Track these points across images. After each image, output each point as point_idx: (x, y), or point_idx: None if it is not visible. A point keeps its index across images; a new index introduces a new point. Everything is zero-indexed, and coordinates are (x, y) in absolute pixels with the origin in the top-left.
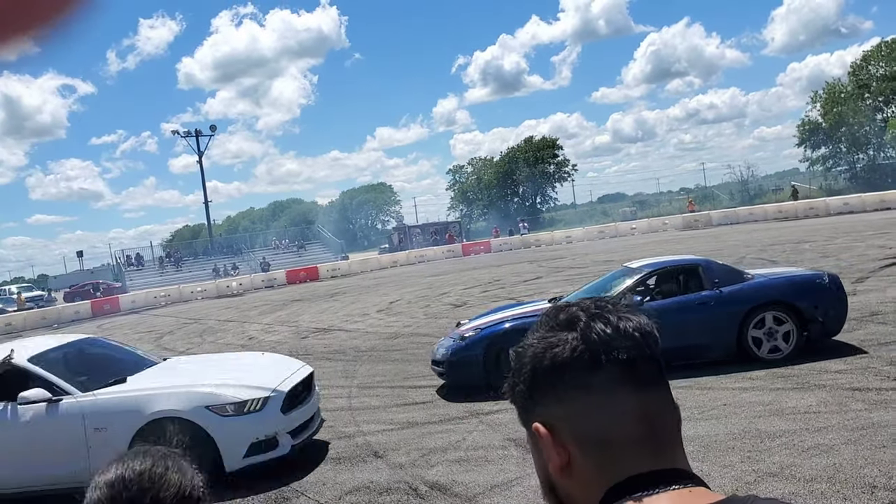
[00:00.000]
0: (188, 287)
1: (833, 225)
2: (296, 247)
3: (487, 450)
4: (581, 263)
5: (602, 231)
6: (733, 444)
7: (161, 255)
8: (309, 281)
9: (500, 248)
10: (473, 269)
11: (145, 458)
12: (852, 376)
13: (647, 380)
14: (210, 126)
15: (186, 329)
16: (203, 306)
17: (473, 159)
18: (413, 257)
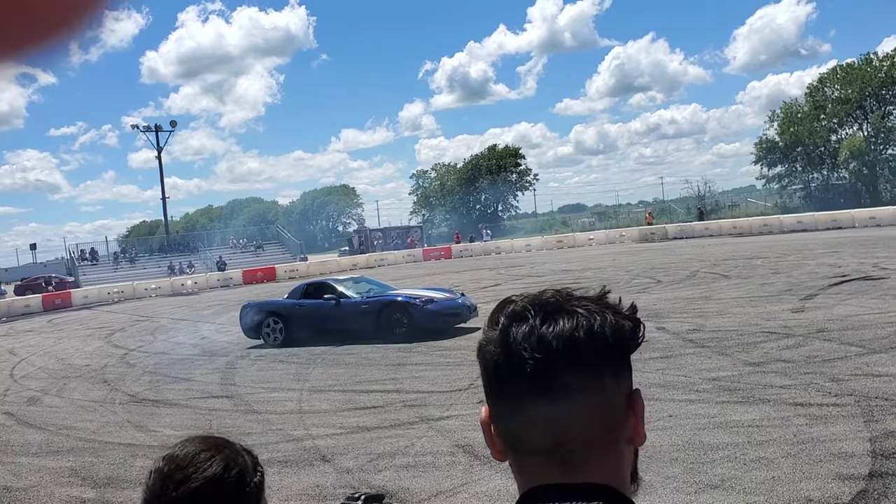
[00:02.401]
0: (142, 284)
1: (786, 242)
2: (254, 247)
3: (435, 455)
4: (539, 272)
5: (561, 241)
6: (677, 455)
7: (116, 251)
8: (266, 282)
9: (461, 254)
10: (433, 274)
11: (197, 444)
12: (796, 392)
13: (559, 392)
14: (171, 121)
15: (138, 326)
16: (157, 304)
17: (437, 165)
18: (373, 260)
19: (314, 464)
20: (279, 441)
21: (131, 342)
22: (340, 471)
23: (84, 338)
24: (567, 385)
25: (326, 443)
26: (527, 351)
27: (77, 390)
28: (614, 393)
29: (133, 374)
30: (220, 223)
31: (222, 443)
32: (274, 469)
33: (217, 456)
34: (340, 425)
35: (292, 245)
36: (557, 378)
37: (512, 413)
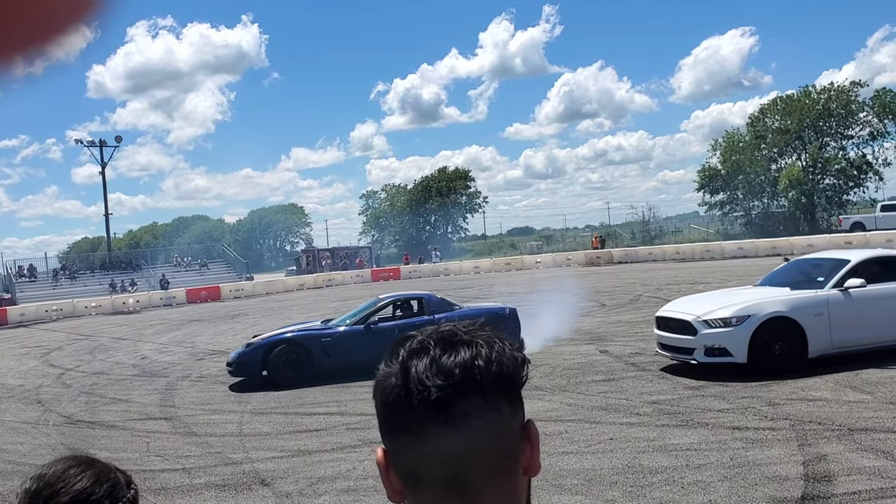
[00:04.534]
0: (82, 302)
1: (727, 268)
2: (198, 265)
3: (377, 479)
4: (487, 294)
5: (509, 263)
6: (616, 478)
7: (56, 268)
8: (210, 301)
9: (410, 275)
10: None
11: (67, 461)
12: (734, 415)
13: (460, 420)
14: (116, 137)
15: (77, 345)
16: (97, 322)
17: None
18: (321, 281)
19: (253, 487)
20: (218, 464)
21: (68, 361)
22: (279, 495)
23: (19, 356)
24: (467, 412)
25: (266, 466)
26: (429, 379)
27: (9, 411)
28: (511, 422)
29: (69, 394)
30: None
31: (92, 460)
32: (211, 493)
33: (87, 472)
34: (281, 448)
35: (238, 264)
36: (458, 405)
37: (412, 446)
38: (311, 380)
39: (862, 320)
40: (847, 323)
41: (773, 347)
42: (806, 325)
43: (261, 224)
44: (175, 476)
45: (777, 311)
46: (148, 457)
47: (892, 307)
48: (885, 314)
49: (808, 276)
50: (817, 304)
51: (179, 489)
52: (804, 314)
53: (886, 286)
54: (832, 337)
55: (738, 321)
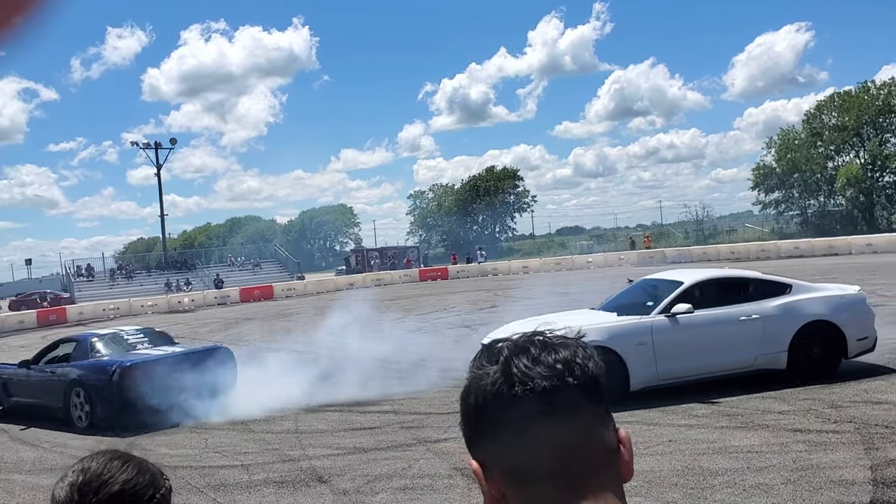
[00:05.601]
0: (139, 301)
1: (783, 267)
2: (251, 265)
3: (433, 478)
4: (536, 294)
5: (559, 263)
6: (676, 480)
7: (113, 267)
8: (263, 300)
9: (457, 275)
10: (430, 294)
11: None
12: (795, 417)
13: (567, 411)
14: (171, 139)
15: None
16: (153, 321)
17: (435, 185)
18: (369, 280)
19: (311, 484)
20: (275, 461)
21: None
22: (337, 492)
23: None
24: (572, 404)
25: (323, 463)
26: (533, 373)
27: None
28: (607, 419)
29: None
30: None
31: (128, 454)
32: (270, 489)
33: (129, 463)
34: (337, 446)
35: (289, 264)
36: (563, 397)
37: (519, 441)
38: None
39: (690, 349)
40: (674, 352)
41: None
42: (626, 354)
43: (311, 224)
44: (234, 472)
45: (593, 341)
46: (207, 453)
47: (723, 334)
48: (715, 342)
49: (645, 300)
50: (640, 331)
51: (239, 485)
52: (625, 343)
53: (718, 311)
54: (658, 367)
55: None
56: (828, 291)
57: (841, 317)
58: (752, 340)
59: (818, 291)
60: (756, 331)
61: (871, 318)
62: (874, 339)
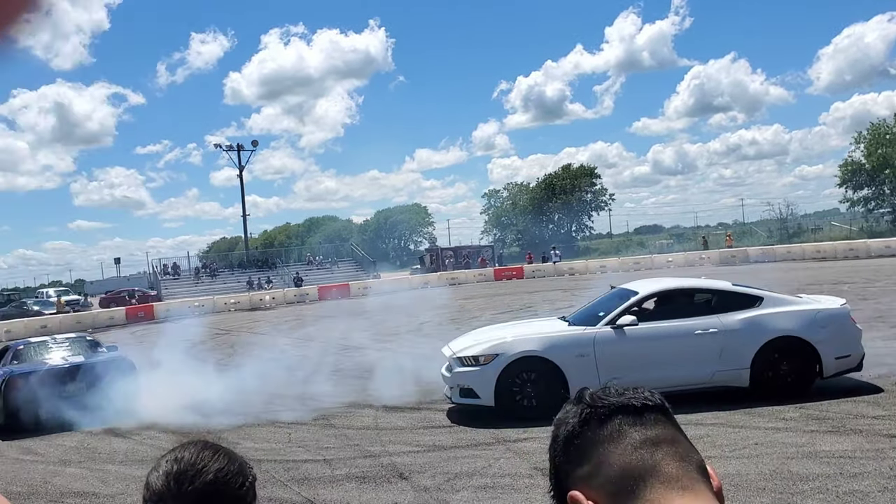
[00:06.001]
0: (222, 298)
1: (873, 267)
2: (329, 263)
3: (514, 478)
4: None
5: (638, 262)
6: (764, 484)
7: (197, 266)
8: (341, 298)
9: (533, 274)
10: (505, 294)
11: (196, 445)
12: (891, 423)
13: (651, 420)
14: (252, 141)
15: (218, 339)
16: (236, 318)
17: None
18: (444, 279)
19: (392, 480)
20: (357, 456)
21: (212, 355)
22: (418, 489)
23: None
24: (657, 414)
25: (403, 460)
26: (610, 395)
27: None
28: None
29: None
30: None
31: (215, 444)
32: (352, 484)
33: (219, 452)
34: (417, 443)
35: (365, 263)
36: (646, 407)
37: (621, 449)
38: None
39: (637, 362)
40: (618, 365)
41: (526, 390)
42: (566, 366)
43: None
44: (317, 467)
45: (529, 351)
46: (290, 447)
47: (675, 347)
48: (666, 355)
49: (600, 310)
50: (582, 343)
51: (322, 479)
52: (563, 354)
53: (670, 323)
54: (600, 380)
55: (486, 360)
56: (803, 305)
57: (814, 333)
58: (709, 355)
59: (792, 305)
60: (714, 345)
61: (854, 335)
62: (860, 357)
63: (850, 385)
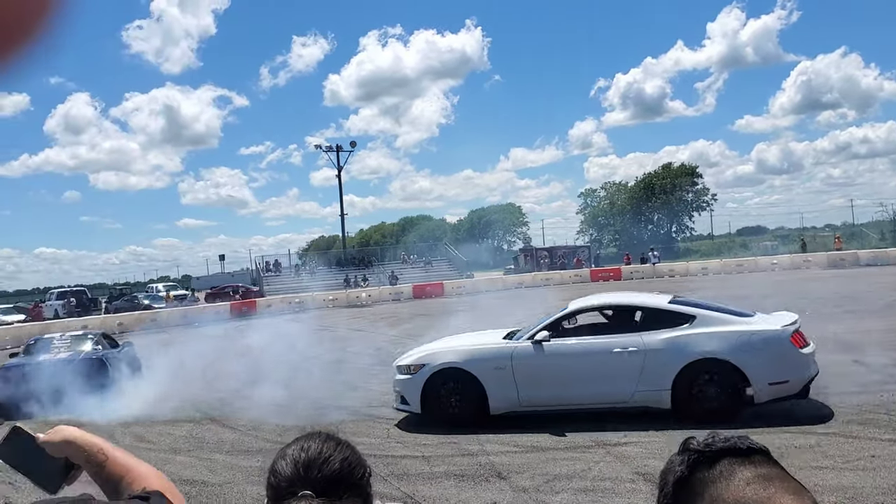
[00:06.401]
0: (321, 295)
1: None
2: (423, 262)
3: (615, 482)
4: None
5: (741, 265)
6: (882, 499)
7: (297, 263)
8: (434, 297)
9: (631, 276)
10: None
11: (319, 436)
12: None
13: (765, 464)
14: (350, 142)
15: (318, 335)
16: (334, 314)
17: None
18: (539, 279)
19: (490, 480)
20: (455, 454)
21: (311, 350)
22: (517, 489)
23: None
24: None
25: (501, 460)
26: (716, 439)
27: (263, 393)
28: None
29: (314, 380)
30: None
31: (337, 437)
32: (451, 482)
33: (341, 443)
34: (515, 443)
35: (459, 262)
36: (749, 444)
37: (725, 489)
38: None
39: (554, 378)
40: (536, 380)
41: (449, 400)
42: (484, 379)
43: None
44: (415, 463)
45: (450, 363)
46: (389, 443)
47: (593, 365)
48: (584, 373)
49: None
50: (500, 356)
51: (420, 476)
52: (482, 367)
53: (590, 340)
54: (519, 394)
55: (415, 370)
56: (737, 326)
57: (743, 356)
58: (629, 375)
59: (725, 326)
60: (634, 365)
61: (792, 360)
62: (800, 383)
63: None
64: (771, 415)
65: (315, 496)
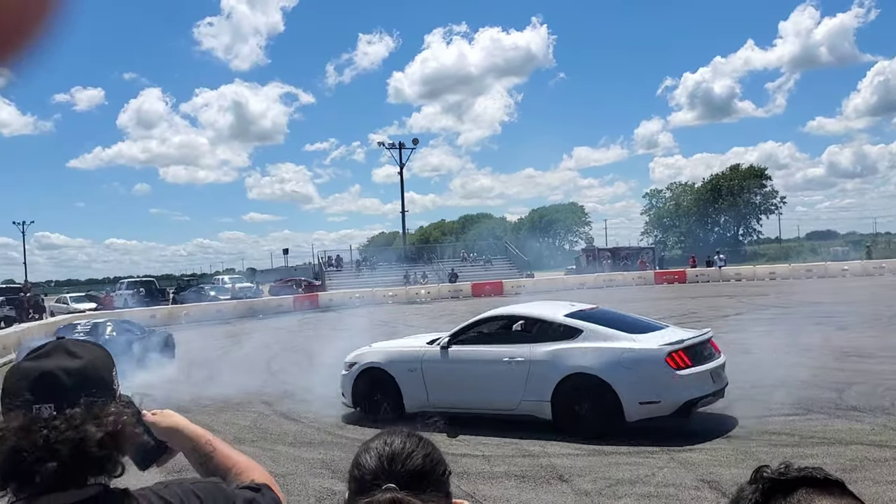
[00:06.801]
0: (381, 290)
1: None
2: (482, 261)
3: (679, 489)
4: (786, 302)
5: (810, 270)
6: None
7: (358, 259)
8: (493, 295)
9: (696, 279)
10: (667, 298)
11: (402, 433)
12: None
13: (843, 496)
14: (413, 139)
15: (378, 330)
16: (393, 310)
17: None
18: (601, 281)
19: (551, 482)
20: (515, 455)
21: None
22: (578, 492)
23: (330, 338)
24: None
25: (563, 462)
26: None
27: (325, 386)
28: None
29: None
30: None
31: (418, 434)
32: (512, 483)
33: (423, 441)
34: (577, 446)
35: (519, 261)
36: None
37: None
38: None
39: (455, 382)
40: (441, 383)
41: (374, 397)
42: (400, 379)
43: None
44: (475, 462)
45: (374, 363)
46: (449, 441)
47: (486, 372)
48: (478, 380)
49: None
50: (413, 359)
51: (481, 475)
52: (399, 368)
53: (485, 348)
54: (429, 395)
55: (349, 368)
56: (616, 343)
57: (614, 373)
58: (516, 384)
59: (607, 342)
60: (520, 375)
61: (664, 380)
62: (673, 405)
63: None
64: (853, 426)
65: (398, 489)
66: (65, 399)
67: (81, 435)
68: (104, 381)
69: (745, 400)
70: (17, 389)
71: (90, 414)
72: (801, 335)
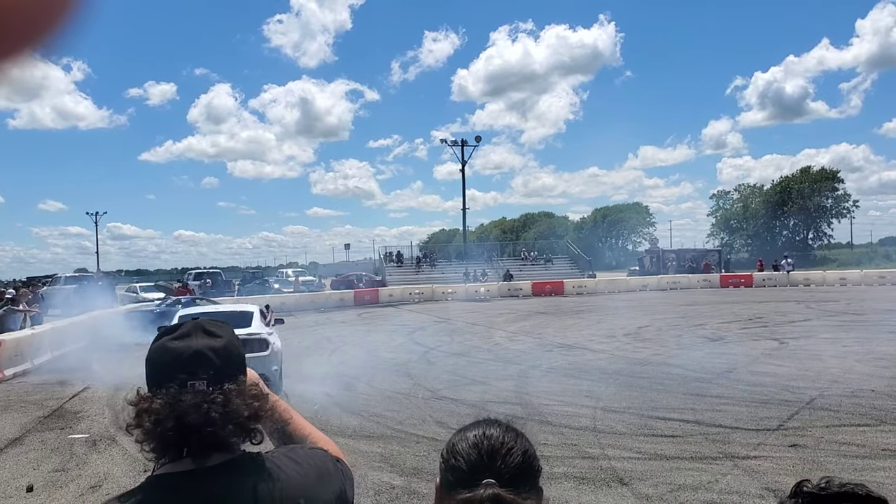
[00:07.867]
0: (440, 287)
1: None
2: (543, 260)
3: (743, 496)
4: (858, 309)
5: (883, 276)
6: None
7: (418, 255)
8: (553, 295)
9: (763, 283)
10: (733, 302)
11: (500, 425)
12: None
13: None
14: (475, 137)
15: (437, 327)
16: (452, 307)
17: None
18: (665, 283)
19: (612, 485)
20: (574, 456)
21: (431, 341)
22: (640, 496)
23: (389, 333)
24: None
25: (623, 465)
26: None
27: (385, 381)
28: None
29: (434, 371)
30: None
31: (513, 426)
32: (571, 484)
33: (520, 435)
34: (637, 450)
35: (581, 261)
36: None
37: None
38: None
39: None
40: None
41: None
42: None
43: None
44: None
45: None
46: None
47: None
48: None
49: None
50: None
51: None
52: None
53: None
54: None
55: None
56: None
57: None
58: None
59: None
60: None
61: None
62: None
63: None
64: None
65: (498, 485)
66: (214, 375)
67: (234, 408)
68: (241, 357)
69: (813, 408)
70: (172, 368)
71: (239, 390)
72: (874, 343)
